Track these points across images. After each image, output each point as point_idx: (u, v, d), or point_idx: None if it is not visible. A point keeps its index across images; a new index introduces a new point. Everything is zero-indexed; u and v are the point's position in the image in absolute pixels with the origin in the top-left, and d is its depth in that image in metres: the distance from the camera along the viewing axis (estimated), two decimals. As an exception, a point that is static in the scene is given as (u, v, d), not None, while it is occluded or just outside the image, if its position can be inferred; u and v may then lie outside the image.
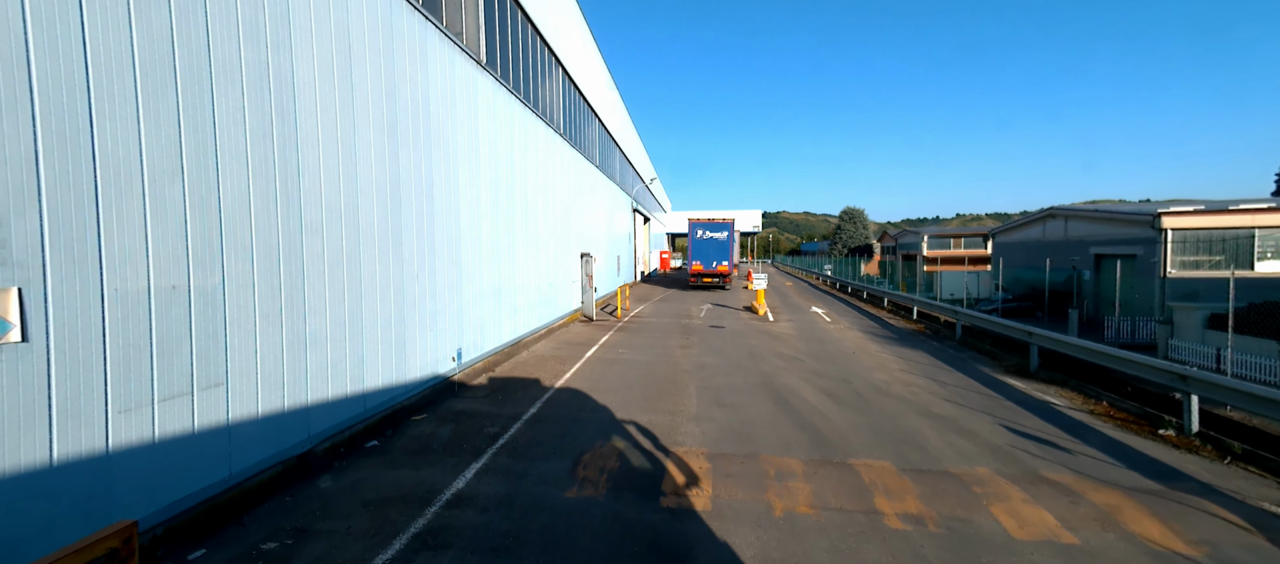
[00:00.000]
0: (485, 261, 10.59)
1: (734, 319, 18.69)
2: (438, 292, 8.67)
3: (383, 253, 7.16)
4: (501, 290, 11.41)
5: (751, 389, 9.34)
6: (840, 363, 11.57)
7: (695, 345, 13.59)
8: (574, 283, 18.22)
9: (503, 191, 11.58)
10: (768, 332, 15.94)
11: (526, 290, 13.18)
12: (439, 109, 8.75)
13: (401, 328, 7.56)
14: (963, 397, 9.02)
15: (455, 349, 9.21)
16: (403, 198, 7.63)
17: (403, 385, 7.63)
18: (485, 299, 10.55)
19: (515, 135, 12.38)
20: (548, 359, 11.55)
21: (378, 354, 7.02)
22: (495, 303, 11.08)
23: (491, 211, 10.92)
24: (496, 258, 11.19)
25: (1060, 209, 33.56)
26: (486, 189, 10.67)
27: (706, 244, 30.11)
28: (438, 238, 8.69)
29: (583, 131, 20.29)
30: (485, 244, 10.56)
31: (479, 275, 10.27)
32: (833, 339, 14.76)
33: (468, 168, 9.83)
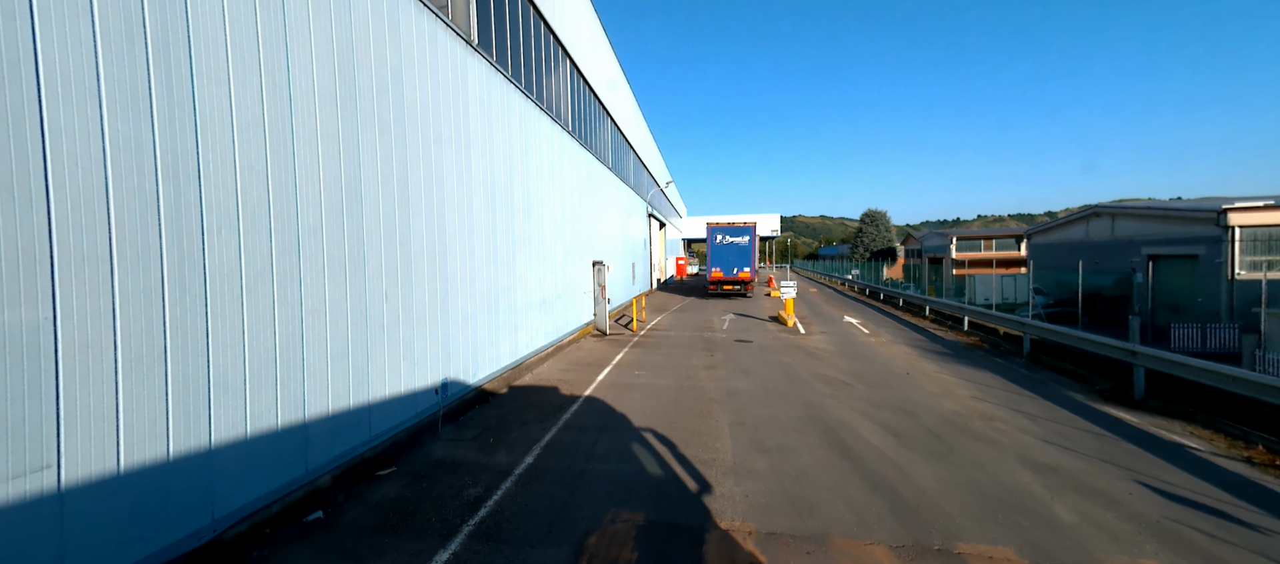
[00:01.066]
0: (479, 274, 9.07)
1: (760, 332, 16.94)
2: (416, 314, 7.16)
3: (334, 266, 5.66)
4: (498, 306, 9.88)
5: (797, 425, 7.64)
6: (896, 388, 9.80)
7: (721, 364, 11.91)
8: (585, 294, 16.68)
9: (500, 193, 10.08)
10: (801, 347, 14.18)
11: (530, 305, 11.65)
12: (416, 92, 7.28)
13: (362, 362, 6.05)
14: (1065, 436, 7.21)
15: (439, 380, 7.68)
16: (365, 198, 6.14)
17: (365, 433, 6.10)
18: (478, 318, 9.02)
19: (515, 129, 10.90)
20: (553, 386, 9.97)
21: (327, 395, 5.51)
22: (491, 321, 9.55)
23: (487, 216, 9.42)
24: (493, 269, 9.68)
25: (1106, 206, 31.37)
26: (480, 190, 9.17)
27: (726, 249, 28.41)
28: (416, 248, 7.19)
29: (594, 131, 18.82)
30: (479, 254, 9.06)
31: (470, 290, 8.75)
32: (878, 356, 12.95)
33: (455, 164, 8.34)
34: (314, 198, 5.36)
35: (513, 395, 9.32)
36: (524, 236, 11.31)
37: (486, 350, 9.30)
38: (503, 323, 10.09)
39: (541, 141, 12.67)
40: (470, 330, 8.69)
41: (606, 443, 6.96)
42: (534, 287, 11.91)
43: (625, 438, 7.15)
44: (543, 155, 12.74)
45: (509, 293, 10.42)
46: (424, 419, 7.24)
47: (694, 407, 8.59)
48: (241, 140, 4.54)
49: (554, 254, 13.50)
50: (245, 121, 4.59)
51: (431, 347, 7.49)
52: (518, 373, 10.72)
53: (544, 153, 12.83)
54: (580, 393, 9.47)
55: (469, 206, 8.75)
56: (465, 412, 8.30)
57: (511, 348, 10.51)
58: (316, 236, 5.37)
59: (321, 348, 5.40)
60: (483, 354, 9.14)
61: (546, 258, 12.88)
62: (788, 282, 18.83)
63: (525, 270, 11.33)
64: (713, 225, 28.63)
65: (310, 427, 5.25)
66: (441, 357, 7.76)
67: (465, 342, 8.51)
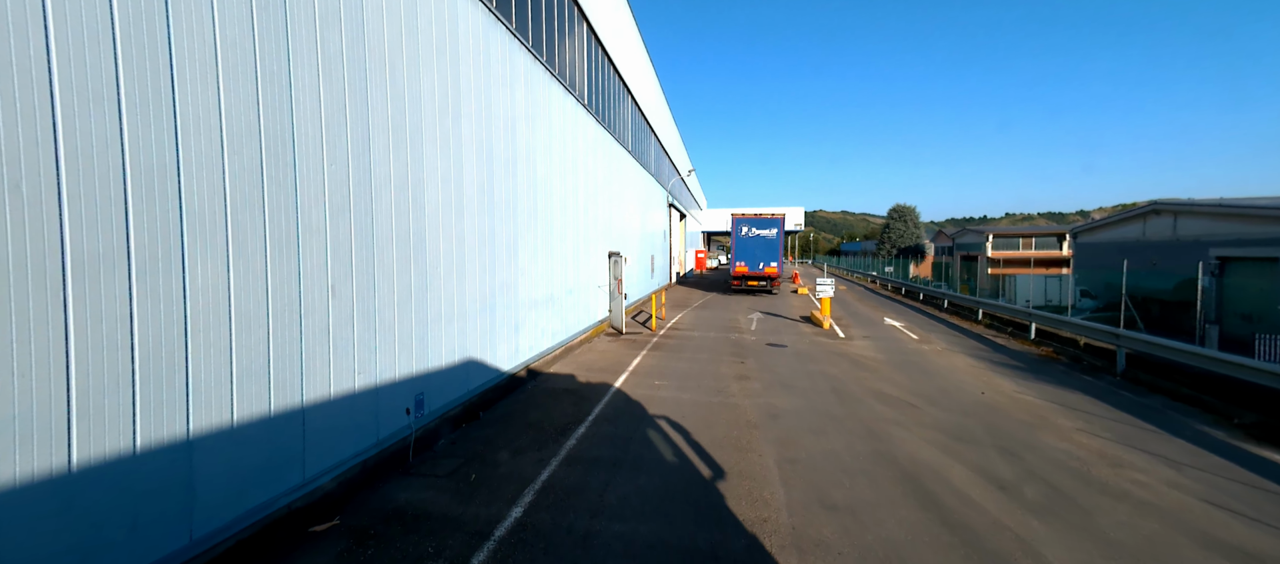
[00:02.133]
0: (469, 264, 7.51)
1: (794, 334, 15.15)
2: (380, 313, 5.61)
3: (245, 246, 4.11)
4: (494, 303, 8.32)
5: (865, 466, 5.92)
6: (975, 412, 7.99)
7: (755, 375, 10.20)
8: (600, 288, 15.08)
9: (500, 169, 8.49)
10: (844, 355, 12.38)
11: (535, 302, 10.07)
12: (384, 31, 5.69)
13: (289, 379, 4.51)
14: (1235, 495, 5.37)
15: (413, 397, 6.14)
16: (301, 158, 4.58)
17: (295, 475, 4.57)
18: (468, 318, 7.47)
19: (519, 94, 9.28)
20: (557, 400, 8.39)
21: (230, 433, 3.98)
22: (484, 321, 8.00)
23: (480, 196, 7.84)
24: (489, 258, 8.11)
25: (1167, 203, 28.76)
26: (473, 164, 7.59)
27: (752, 243, 26.55)
28: (383, 231, 5.63)
29: (613, 108, 17.14)
30: (469, 239, 7.48)
31: (457, 284, 7.19)
32: (938, 369, 11.09)
33: (439, 130, 6.75)
34: (212, 156, 3.80)
35: (508, 411, 7.77)
36: (528, 221, 9.71)
37: (479, 355, 7.75)
38: (500, 322, 8.52)
39: (552, 113, 11.04)
40: (456, 332, 7.14)
41: (620, 487, 5.35)
42: (540, 280, 10.33)
43: (644, 480, 5.52)
44: (554, 129, 11.11)
45: (509, 289, 8.85)
46: (390, 447, 5.70)
47: (729, 435, 6.92)
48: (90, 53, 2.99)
49: (565, 243, 11.90)
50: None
51: (401, 355, 5.95)
52: (517, 381, 9.16)
53: (555, 126, 11.20)
54: (589, 409, 7.87)
55: (457, 183, 7.16)
56: (446, 432, 6.76)
57: (511, 351, 8.95)
58: (212, 202, 3.81)
59: (219, 362, 3.86)
60: (473, 361, 7.59)
61: (556, 247, 11.28)
62: (824, 279, 16.96)
63: (529, 261, 9.74)
64: (738, 217, 26.78)
65: (202, 475, 3.72)
66: (415, 367, 6.21)
67: (450, 346, 6.96)
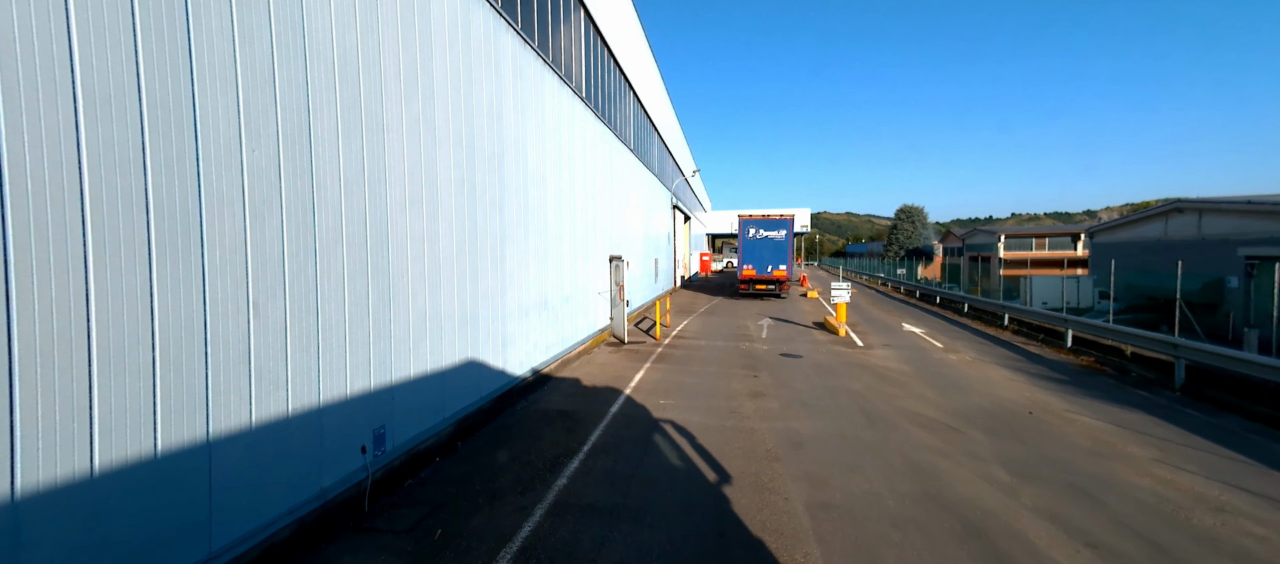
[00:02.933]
0: (446, 271, 6.52)
1: (808, 342, 14.10)
2: (331, 334, 4.63)
3: (129, 254, 3.13)
4: (476, 316, 7.33)
5: (914, 513, 4.88)
6: (1028, 438, 6.93)
7: (771, 391, 9.17)
8: (601, 294, 14.08)
9: (484, 162, 7.51)
10: (865, 366, 11.32)
11: (525, 312, 9.08)
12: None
13: (192, 419, 3.53)
14: (1384, 556, 4.30)
15: (371, 431, 5.15)
16: (206, 131, 3.60)
17: (200, 546, 3.58)
18: (443, 333, 6.48)
19: (506, 80, 8.31)
20: (548, 426, 7.38)
21: (112, 496, 3.00)
22: (465, 336, 7.02)
23: (460, 194, 6.86)
24: (470, 264, 7.13)
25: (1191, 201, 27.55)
26: (449, 156, 6.61)
27: (760, 245, 25.50)
28: (328, 225, 4.65)
29: (614, 104, 16.17)
30: (445, 243, 6.50)
31: (429, 295, 6.21)
32: (972, 382, 10.03)
33: (405, 111, 5.78)
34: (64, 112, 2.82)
35: (491, 440, 6.76)
36: (518, 223, 8.72)
37: (457, 376, 6.75)
38: (485, 336, 7.53)
39: (546, 105, 10.07)
40: (429, 351, 6.14)
41: (618, 546, 4.33)
42: (531, 287, 9.33)
43: (648, 536, 4.50)
44: (547, 122, 10.13)
45: (495, 298, 7.85)
46: (339, 496, 4.71)
47: (747, 470, 5.89)
48: None
49: (560, 247, 10.91)
50: None
51: (354, 381, 4.95)
52: (504, 402, 8.16)
53: (548, 119, 10.22)
54: (584, 437, 6.86)
55: (429, 178, 6.18)
56: (413, 470, 5.76)
57: (497, 368, 7.95)
58: (66, 199, 2.83)
59: (76, 406, 2.87)
60: (450, 383, 6.59)
61: (550, 251, 10.29)
62: (839, 284, 15.89)
63: (519, 267, 8.75)
64: (745, 218, 25.75)
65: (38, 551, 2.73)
66: (375, 394, 5.22)
67: (421, 367, 5.97)
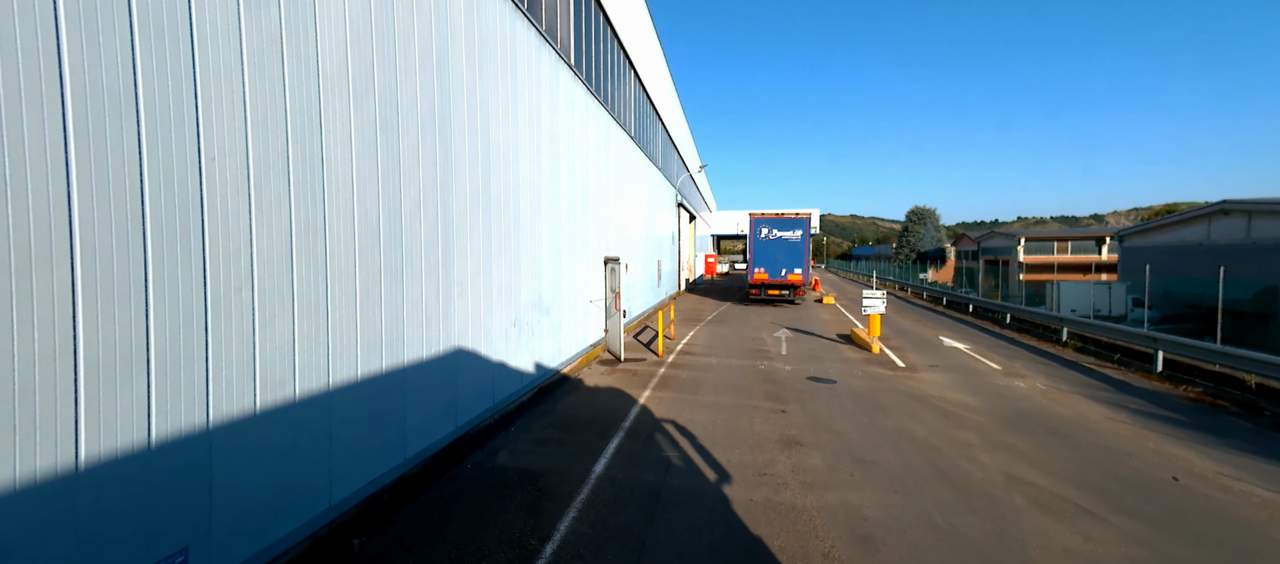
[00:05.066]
0: (335, 275, 4.34)
1: (838, 361, 11.86)
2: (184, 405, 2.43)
3: None
4: (400, 341, 5.15)
5: None
6: (1200, 530, 4.69)
7: (807, 436, 6.95)
8: (593, 303, 11.89)
9: (413, 126, 5.34)
10: (919, 397, 9.08)
11: (485, 334, 6.90)
12: None
13: None
14: None
15: (177, 546, 2.97)
16: None
17: None
18: (338, 368, 4.30)
19: (457, 13, 6.12)
20: (499, 499, 5.18)
21: None
22: (374, 369, 4.82)
23: (366, 162, 4.67)
24: (385, 270, 4.96)
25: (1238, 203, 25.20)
26: (342, 108, 4.43)
27: (773, 246, 23.27)
28: (183, 233, 2.46)
29: (613, 83, 13.97)
30: (340, 236, 4.32)
31: (301, 316, 4.02)
32: (1065, 424, 7.78)
33: (244, 12, 3.59)
34: None
35: (413, 529, 4.56)
36: (472, 215, 6.53)
37: (357, 432, 4.55)
38: (416, 367, 5.34)
39: (518, 61, 7.87)
40: (296, 390, 3.95)
41: None
42: (495, 297, 7.14)
43: None
44: (521, 84, 7.94)
45: (434, 312, 5.66)
46: None
47: (802, 602, 3.67)
48: None
49: (539, 247, 8.71)
50: None
51: (134, 483, 2.77)
52: (446, 459, 5.95)
53: (523, 79, 8.02)
54: (550, 526, 4.65)
55: (304, 132, 4.00)
56: None
57: (429, 418, 5.75)
58: None
59: None
60: (345, 444, 4.39)
61: (524, 252, 8.10)
62: (872, 292, 13.61)
63: (475, 273, 6.55)
64: (757, 217, 23.53)
65: None
66: (189, 476, 3.03)
67: (283, 428, 3.78)
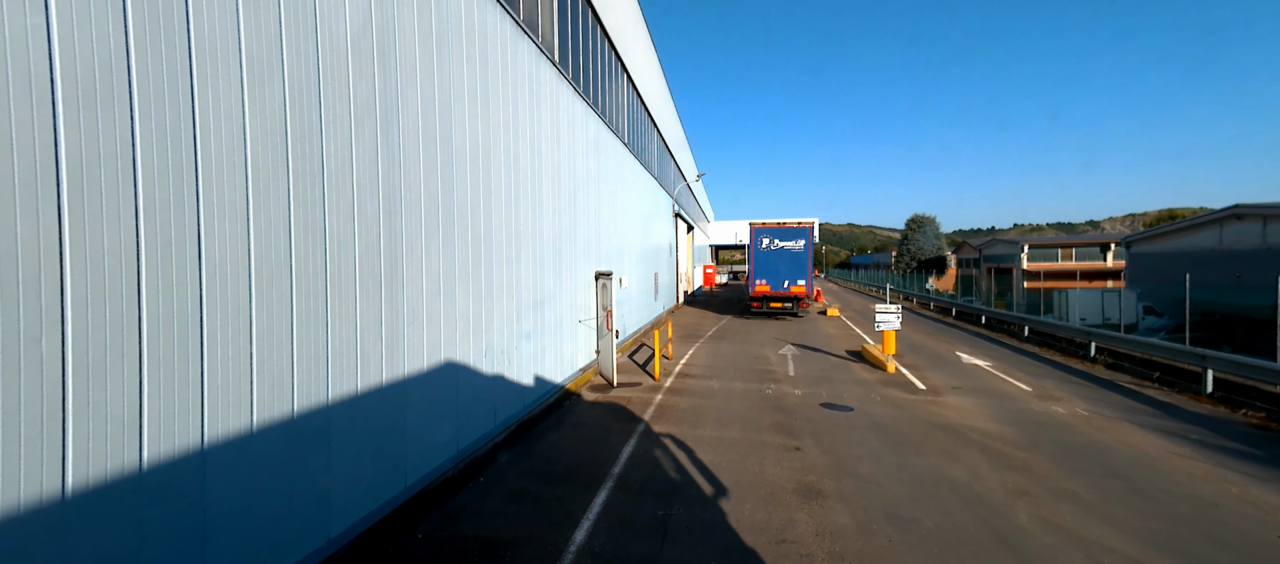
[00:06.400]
0: (272, 318, 3.28)
1: (851, 383, 10.79)
2: None
3: None
4: (322, 379, 4.08)
5: None
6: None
7: (829, 484, 5.88)
8: (583, 322, 10.82)
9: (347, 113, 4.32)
10: (950, 428, 8.02)
11: (456, 365, 5.82)
12: None
13: None
14: None
15: None
16: None
17: None
18: (253, 403, 3.22)
19: None
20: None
21: None
22: (305, 413, 3.75)
23: (271, 163, 3.63)
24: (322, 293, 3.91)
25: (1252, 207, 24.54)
26: (233, 80, 3.39)
27: (775, 257, 22.27)
28: None
29: (604, 86, 13.01)
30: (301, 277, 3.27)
31: (178, 360, 2.95)
32: (1122, 462, 6.72)
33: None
34: None
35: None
36: (435, 227, 5.49)
37: (288, 499, 3.47)
38: (355, 435, 4.27)
39: (490, 49, 6.87)
40: (200, 431, 2.88)
41: None
42: (464, 326, 6.07)
43: None
44: (495, 80, 6.94)
45: (375, 360, 4.59)
46: None
47: None
48: None
49: (518, 262, 7.67)
50: None
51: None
52: (395, 527, 4.84)
53: (497, 73, 7.02)
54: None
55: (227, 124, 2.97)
56: None
57: (388, 475, 4.67)
58: None
59: None
60: (270, 514, 3.31)
61: (502, 269, 7.04)
62: (886, 306, 12.56)
63: (432, 293, 5.50)
64: (758, 227, 22.55)
65: None
66: None
67: (162, 523, 2.70)
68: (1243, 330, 21.94)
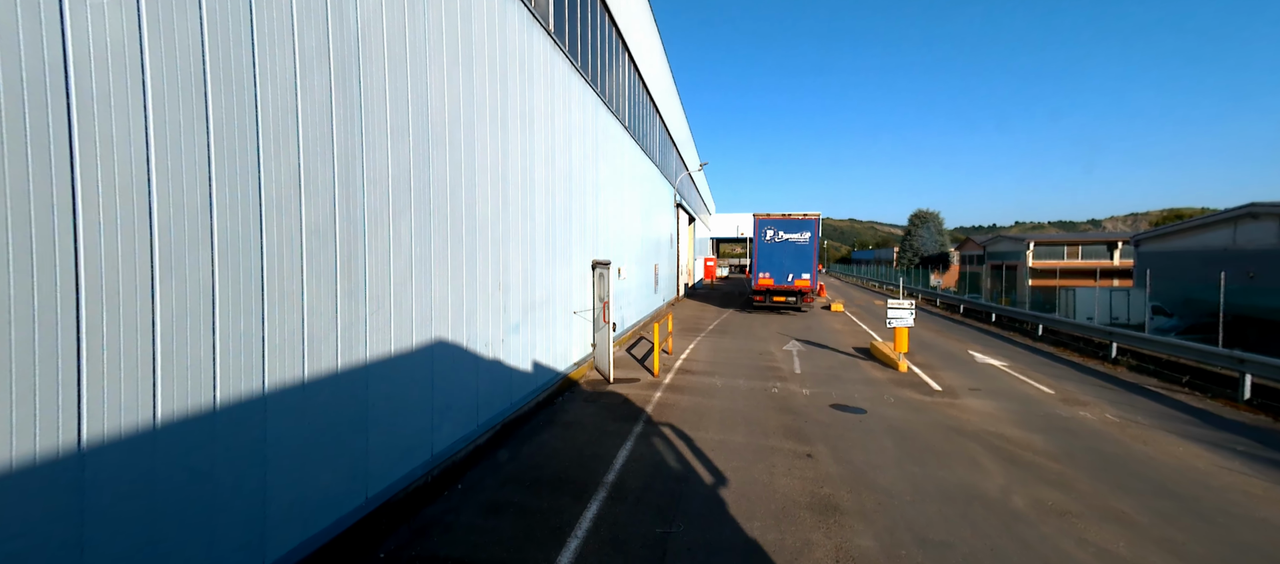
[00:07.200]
0: (193, 302, 2.62)
1: (861, 382, 10.16)
2: None
3: None
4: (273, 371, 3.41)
5: None
6: None
7: (846, 499, 5.24)
8: (579, 314, 10.16)
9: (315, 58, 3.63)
10: (973, 434, 7.38)
11: (434, 360, 5.17)
12: None
13: None
14: None
15: None
16: None
17: None
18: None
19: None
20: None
21: None
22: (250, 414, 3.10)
23: (186, 117, 2.96)
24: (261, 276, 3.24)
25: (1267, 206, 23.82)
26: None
27: (779, 249, 21.59)
28: None
29: (604, 66, 12.27)
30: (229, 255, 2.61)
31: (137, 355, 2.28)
32: (1168, 475, 6.09)
33: None
34: None
35: None
36: (406, 205, 4.81)
37: (207, 517, 2.83)
38: (299, 438, 3.62)
39: (476, 11, 6.16)
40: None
41: None
42: (441, 317, 5.40)
43: None
44: (481, 44, 6.23)
45: (327, 350, 3.93)
46: None
47: None
48: None
49: (505, 247, 6.99)
50: None
51: None
52: (356, 543, 4.19)
53: (481, 38, 6.31)
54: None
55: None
56: None
57: (343, 488, 4.03)
58: None
59: None
60: (180, 540, 2.67)
61: (487, 254, 6.37)
62: (898, 303, 11.89)
63: (400, 280, 4.83)
64: (762, 218, 21.85)
65: None
66: None
67: None
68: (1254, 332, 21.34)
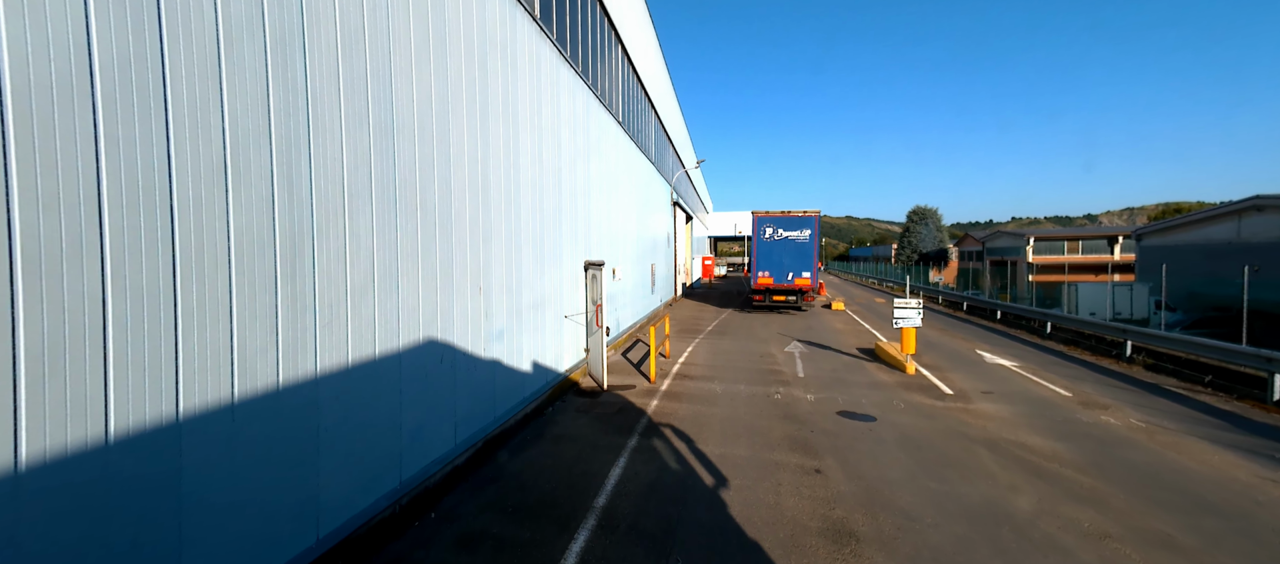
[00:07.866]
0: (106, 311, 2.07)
1: (867, 385, 9.65)
2: None
3: None
4: (188, 391, 2.86)
5: None
6: None
7: (860, 522, 4.71)
8: (570, 316, 9.61)
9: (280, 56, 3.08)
10: (992, 444, 6.86)
11: (403, 375, 4.63)
12: None
13: None
14: None
15: None
16: None
17: None
18: None
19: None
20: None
21: None
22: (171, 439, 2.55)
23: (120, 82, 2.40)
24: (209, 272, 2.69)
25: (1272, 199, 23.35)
26: None
27: (779, 247, 21.09)
28: None
29: (596, 57, 11.71)
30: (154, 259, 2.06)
31: None
32: (1203, 483, 5.57)
33: None
34: None
35: None
36: (365, 201, 4.26)
37: None
38: (230, 471, 3.07)
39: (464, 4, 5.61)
40: None
41: None
42: (411, 324, 4.86)
43: None
44: (456, 26, 5.68)
45: (266, 365, 3.38)
46: None
47: None
48: None
49: (488, 247, 6.43)
50: None
51: None
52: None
53: (456, 20, 5.76)
54: None
55: None
56: None
57: (292, 530, 3.48)
58: None
59: None
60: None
61: (465, 256, 5.82)
62: (905, 302, 11.36)
63: (360, 286, 4.28)
64: (760, 216, 21.35)
65: None
66: None
67: None
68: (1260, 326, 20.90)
